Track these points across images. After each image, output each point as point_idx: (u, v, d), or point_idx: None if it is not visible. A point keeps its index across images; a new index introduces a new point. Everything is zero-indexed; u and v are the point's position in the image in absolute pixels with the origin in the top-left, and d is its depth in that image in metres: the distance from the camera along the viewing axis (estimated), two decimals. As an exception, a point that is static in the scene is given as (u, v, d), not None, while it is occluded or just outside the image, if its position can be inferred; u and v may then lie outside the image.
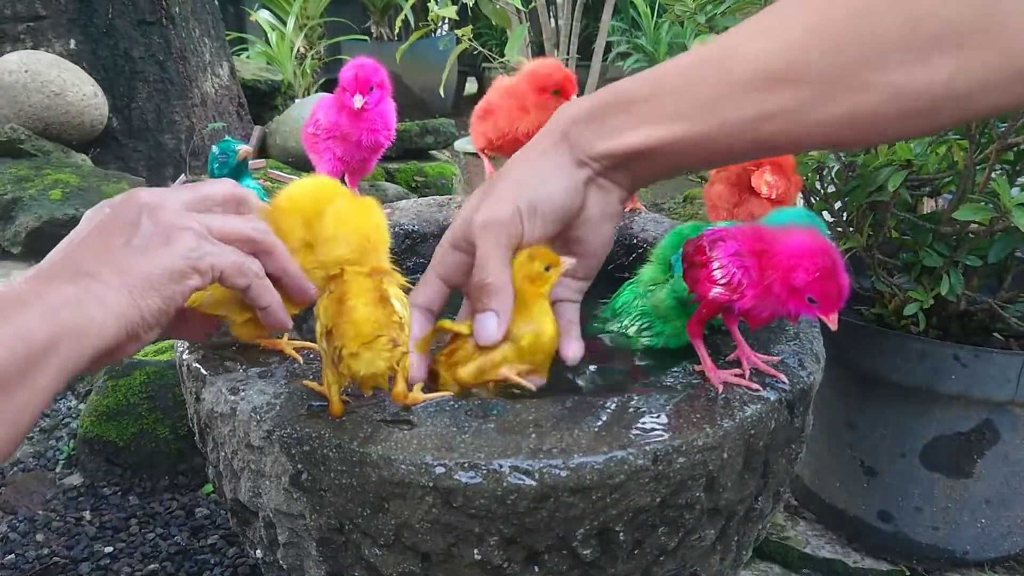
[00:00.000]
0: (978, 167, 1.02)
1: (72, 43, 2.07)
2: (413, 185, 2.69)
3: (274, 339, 0.74)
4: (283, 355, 0.73)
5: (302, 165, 2.28)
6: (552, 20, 2.76)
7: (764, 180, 0.91)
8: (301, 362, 0.72)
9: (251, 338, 0.73)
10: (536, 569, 0.61)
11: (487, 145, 1.17)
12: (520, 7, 2.47)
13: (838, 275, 0.62)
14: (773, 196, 0.94)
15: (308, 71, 3.69)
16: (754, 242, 0.67)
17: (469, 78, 6.07)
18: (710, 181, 0.99)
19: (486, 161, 1.23)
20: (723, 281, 0.67)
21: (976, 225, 1.01)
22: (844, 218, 1.15)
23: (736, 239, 0.68)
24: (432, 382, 0.68)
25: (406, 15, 2.72)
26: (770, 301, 0.65)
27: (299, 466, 0.61)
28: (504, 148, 1.15)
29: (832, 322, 0.64)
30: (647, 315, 0.83)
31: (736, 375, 0.69)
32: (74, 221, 1.61)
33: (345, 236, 0.61)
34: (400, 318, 0.59)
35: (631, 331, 0.84)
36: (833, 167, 1.13)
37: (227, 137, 0.86)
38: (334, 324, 0.58)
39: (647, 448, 0.58)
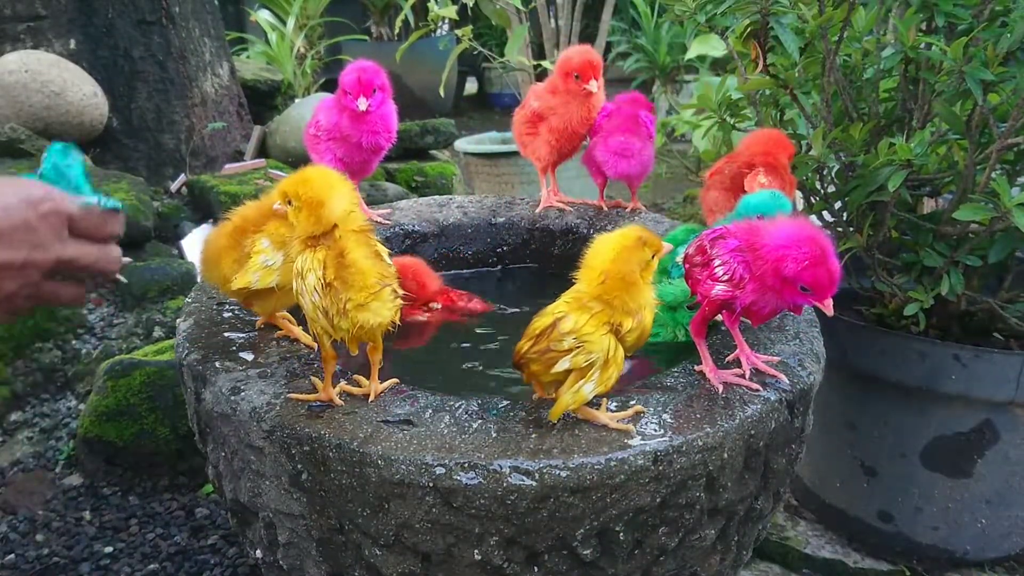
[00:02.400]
0: (978, 167, 1.02)
1: (72, 43, 2.07)
2: (413, 185, 2.69)
3: (288, 325, 0.78)
4: (283, 356, 0.73)
5: (302, 165, 2.27)
6: (552, 20, 2.75)
7: (758, 181, 0.91)
8: (315, 348, 0.72)
9: (268, 316, 0.78)
10: (536, 569, 0.61)
11: (550, 154, 1.15)
12: (520, 7, 2.47)
13: (827, 261, 0.63)
14: None
15: (308, 71, 3.69)
16: (750, 237, 0.67)
17: (469, 78, 6.07)
18: (705, 186, 0.99)
19: (544, 182, 1.20)
20: (725, 278, 0.67)
21: (976, 225, 1.01)
22: (844, 218, 1.15)
23: (735, 236, 0.68)
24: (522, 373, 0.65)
25: (406, 15, 2.72)
26: (769, 294, 0.66)
27: (299, 466, 0.61)
28: (565, 150, 1.14)
29: (827, 308, 0.64)
30: None
31: (736, 375, 0.69)
32: (74, 221, 1.61)
33: (341, 193, 0.63)
34: (395, 269, 0.63)
35: None
36: (833, 167, 1.13)
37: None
38: (337, 277, 0.60)
39: (647, 448, 0.58)
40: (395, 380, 0.69)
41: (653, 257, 0.62)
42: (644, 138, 1.11)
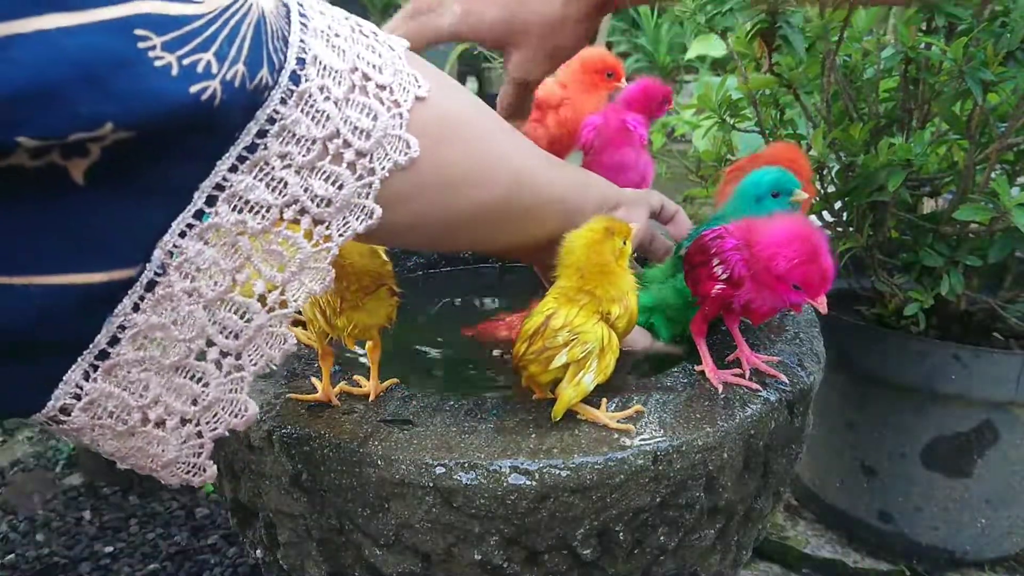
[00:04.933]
0: (978, 167, 1.02)
1: (72, 43, 2.08)
2: (413, 185, 2.68)
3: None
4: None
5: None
6: (552, 20, 2.75)
7: None
8: (320, 351, 0.72)
9: None
10: (536, 569, 0.61)
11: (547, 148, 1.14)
12: (520, 7, 2.47)
13: (819, 258, 0.63)
14: None
15: (308, 71, 3.69)
16: (747, 234, 0.67)
17: (469, 78, 6.07)
18: (723, 181, 0.98)
19: None
20: (724, 277, 0.67)
21: (976, 225, 1.01)
22: (844, 218, 1.15)
23: (733, 234, 0.68)
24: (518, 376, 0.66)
25: (406, 15, 2.72)
26: (765, 292, 0.66)
27: (299, 466, 0.61)
28: (563, 144, 1.13)
29: (820, 305, 0.64)
30: (651, 309, 0.84)
31: (736, 375, 0.69)
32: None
33: None
34: (390, 267, 0.63)
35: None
36: (833, 167, 1.13)
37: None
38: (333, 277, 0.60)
39: (647, 448, 0.58)
40: (395, 380, 0.69)
41: (624, 243, 0.64)
42: (637, 147, 1.09)
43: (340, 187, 0.43)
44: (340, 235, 0.45)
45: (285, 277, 0.44)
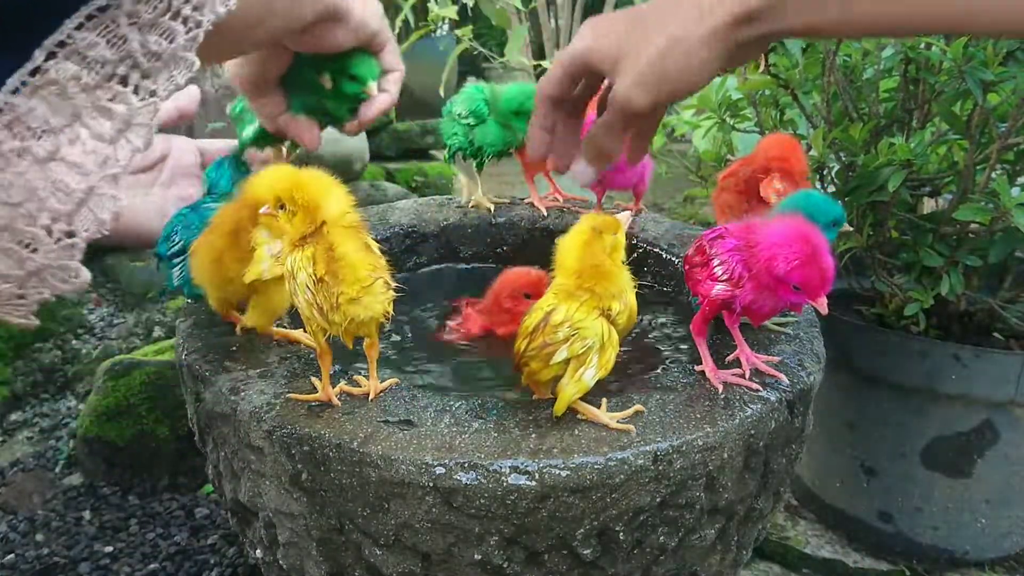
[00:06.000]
0: (978, 167, 1.02)
1: (72, 43, 2.08)
2: (413, 185, 2.70)
3: (286, 331, 0.76)
4: (283, 356, 0.73)
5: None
6: (552, 20, 2.75)
7: (773, 188, 0.90)
8: (318, 350, 0.72)
9: (264, 329, 0.75)
10: (536, 569, 0.61)
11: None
12: (520, 7, 2.47)
13: (819, 260, 0.63)
14: None
15: (308, 71, 3.67)
16: (747, 235, 0.67)
17: (469, 78, 6.06)
18: (718, 188, 0.99)
19: (532, 185, 1.18)
20: (724, 277, 0.67)
21: (976, 225, 1.01)
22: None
23: (733, 235, 0.68)
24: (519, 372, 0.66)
25: (406, 15, 2.72)
26: (765, 293, 0.66)
27: (299, 466, 0.61)
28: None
29: (821, 305, 0.64)
30: None
31: (736, 375, 0.69)
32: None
33: (336, 195, 0.63)
34: (384, 261, 0.63)
35: None
36: (833, 167, 1.13)
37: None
38: (328, 272, 0.60)
39: (647, 448, 0.58)
40: (395, 380, 0.69)
41: (615, 235, 0.64)
42: None
43: (171, 41, 0.43)
44: (165, 90, 0.44)
45: (112, 134, 0.42)
